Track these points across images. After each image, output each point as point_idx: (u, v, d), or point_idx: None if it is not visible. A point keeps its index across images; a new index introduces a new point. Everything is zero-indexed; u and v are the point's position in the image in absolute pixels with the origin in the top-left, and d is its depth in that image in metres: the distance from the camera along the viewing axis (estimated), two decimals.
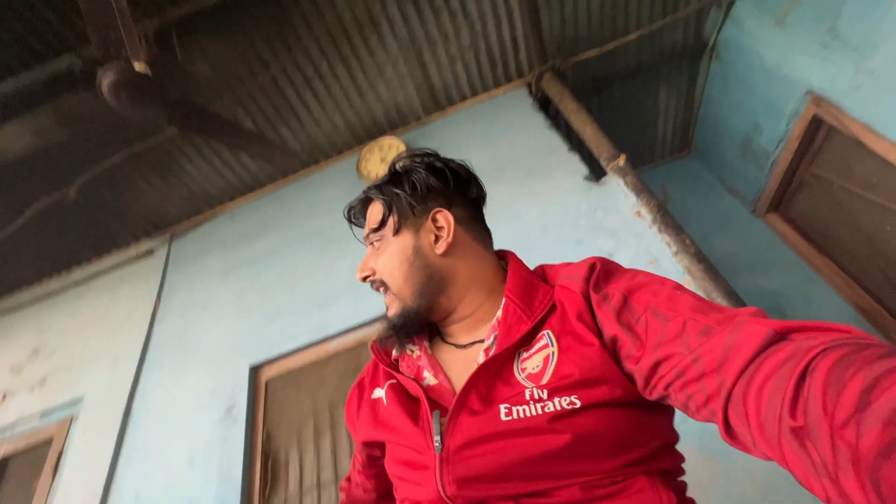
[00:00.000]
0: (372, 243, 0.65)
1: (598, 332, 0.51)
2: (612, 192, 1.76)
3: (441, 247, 0.61)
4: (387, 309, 0.64)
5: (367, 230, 0.66)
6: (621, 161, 1.75)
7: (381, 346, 0.64)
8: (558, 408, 0.47)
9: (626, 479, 0.46)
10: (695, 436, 1.22)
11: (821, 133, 2.05)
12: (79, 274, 2.58)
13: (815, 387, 0.30)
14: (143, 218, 2.50)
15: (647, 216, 1.60)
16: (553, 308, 0.55)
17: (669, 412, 0.54)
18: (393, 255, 0.62)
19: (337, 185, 2.38)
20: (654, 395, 0.46)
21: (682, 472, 0.54)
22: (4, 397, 2.12)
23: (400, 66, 2.24)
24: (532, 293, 0.57)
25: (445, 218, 0.62)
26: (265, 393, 1.78)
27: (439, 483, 0.48)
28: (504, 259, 0.66)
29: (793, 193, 2.36)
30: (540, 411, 0.47)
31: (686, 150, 2.98)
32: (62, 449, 1.87)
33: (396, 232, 0.62)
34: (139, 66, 1.41)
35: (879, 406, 0.26)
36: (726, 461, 1.16)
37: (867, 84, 1.69)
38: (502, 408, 0.49)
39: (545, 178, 1.94)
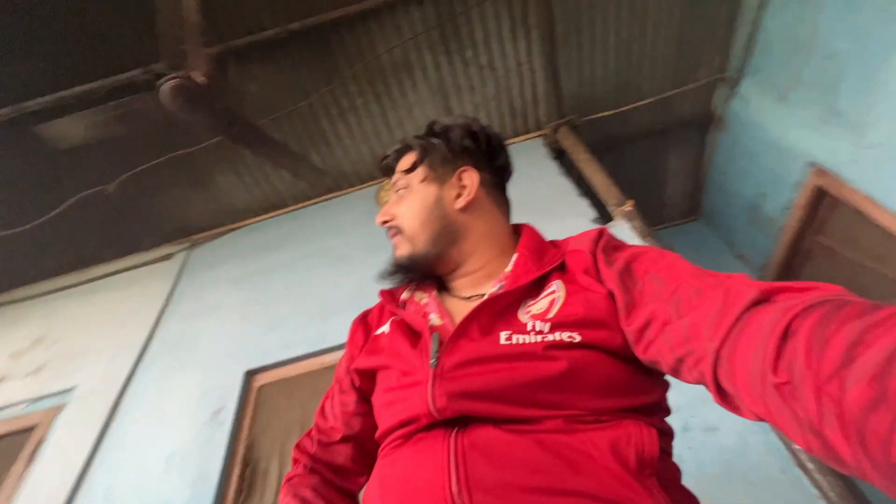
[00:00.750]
0: (398, 191, 0.68)
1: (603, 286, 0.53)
2: (619, 236, 1.81)
3: (461, 202, 0.64)
4: (394, 249, 0.66)
5: (396, 175, 0.69)
6: (628, 206, 1.82)
7: (390, 292, 0.67)
8: (557, 339, 0.49)
9: (613, 419, 0.47)
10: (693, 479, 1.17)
11: (825, 203, 2.12)
12: (97, 271, 2.67)
13: (798, 344, 0.31)
14: (168, 223, 2.62)
15: None
16: (563, 266, 0.58)
17: (664, 384, 0.55)
18: (415, 201, 0.65)
19: (355, 211, 2.50)
20: (646, 356, 0.48)
21: (671, 438, 0.54)
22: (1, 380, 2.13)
23: (427, 108, 2.43)
24: (543, 252, 0.61)
25: (470, 177, 0.65)
26: (256, 399, 1.76)
27: (430, 395, 0.49)
28: (519, 231, 0.69)
29: (800, 262, 2.38)
30: (539, 339, 0.49)
31: (695, 215, 3.07)
32: (43, 437, 1.83)
33: (423, 180, 0.65)
34: (197, 77, 1.59)
35: (865, 361, 0.27)
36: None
37: (866, 157, 1.78)
38: (502, 334, 0.51)
39: (555, 219, 2.01)
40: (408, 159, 0.68)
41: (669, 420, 0.55)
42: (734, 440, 1.23)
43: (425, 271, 0.65)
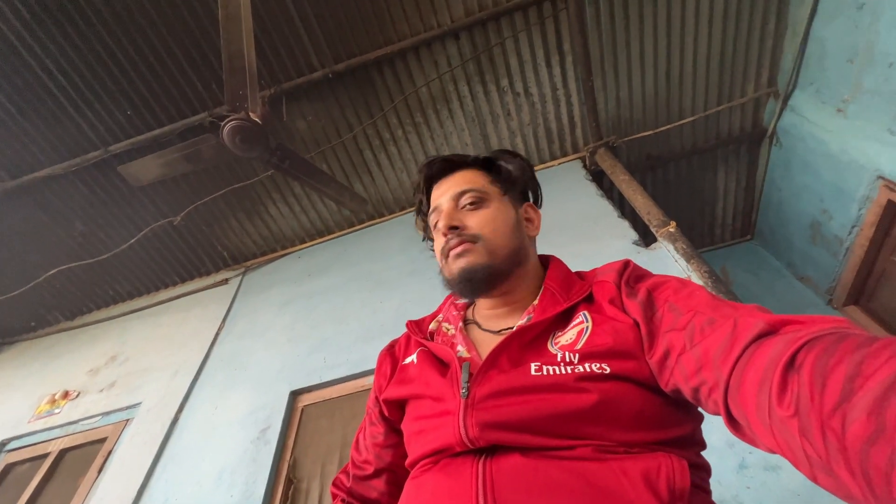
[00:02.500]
0: (464, 197, 0.65)
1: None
2: (661, 258, 1.75)
3: (533, 232, 0.69)
4: (459, 256, 0.61)
5: (465, 187, 0.65)
6: (671, 227, 1.76)
7: (416, 323, 0.69)
8: (588, 370, 0.48)
9: (643, 451, 0.46)
10: None
11: None
12: (163, 295, 2.91)
13: (803, 378, 0.31)
14: (226, 250, 2.83)
15: (699, 281, 1.57)
16: (590, 297, 0.58)
17: (697, 416, 0.53)
18: (498, 215, 0.64)
19: (395, 236, 2.58)
20: (669, 388, 0.47)
21: (707, 473, 0.52)
22: (78, 395, 2.34)
23: (465, 136, 2.51)
24: (570, 285, 0.61)
25: (537, 213, 0.71)
26: (300, 419, 1.82)
27: (462, 425, 0.49)
28: (545, 263, 0.71)
29: (874, 285, 2.17)
30: (569, 371, 0.49)
31: (748, 235, 2.89)
32: (112, 449, 1.99)
33: (503, 198, 0.67)
34: (254, 117, 1.75)
35: (863, 395, 0.27)
36: None
37: None
38: (532, 365, 0.51)
39: (594, 241, 1.97)
40: (476, 174, 0.68)
41: (721, 456, 0.52)
42: (801, 482, 1.11)
43: (489, 286, 0.62)
